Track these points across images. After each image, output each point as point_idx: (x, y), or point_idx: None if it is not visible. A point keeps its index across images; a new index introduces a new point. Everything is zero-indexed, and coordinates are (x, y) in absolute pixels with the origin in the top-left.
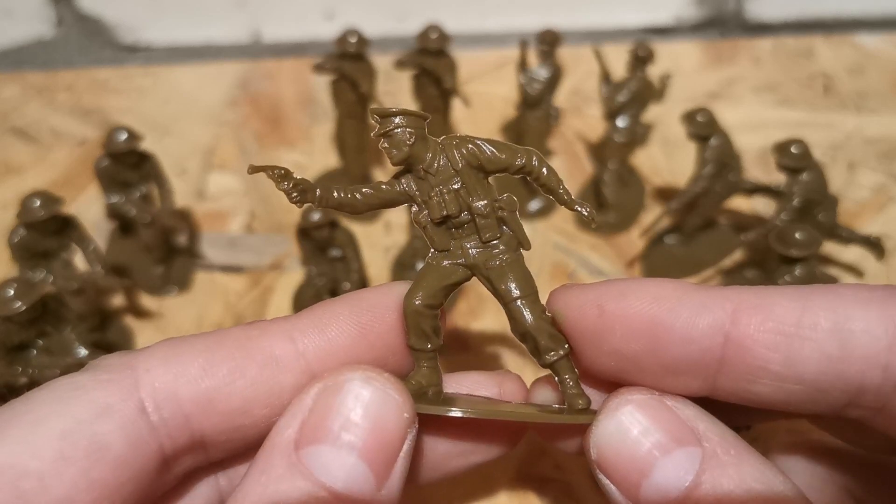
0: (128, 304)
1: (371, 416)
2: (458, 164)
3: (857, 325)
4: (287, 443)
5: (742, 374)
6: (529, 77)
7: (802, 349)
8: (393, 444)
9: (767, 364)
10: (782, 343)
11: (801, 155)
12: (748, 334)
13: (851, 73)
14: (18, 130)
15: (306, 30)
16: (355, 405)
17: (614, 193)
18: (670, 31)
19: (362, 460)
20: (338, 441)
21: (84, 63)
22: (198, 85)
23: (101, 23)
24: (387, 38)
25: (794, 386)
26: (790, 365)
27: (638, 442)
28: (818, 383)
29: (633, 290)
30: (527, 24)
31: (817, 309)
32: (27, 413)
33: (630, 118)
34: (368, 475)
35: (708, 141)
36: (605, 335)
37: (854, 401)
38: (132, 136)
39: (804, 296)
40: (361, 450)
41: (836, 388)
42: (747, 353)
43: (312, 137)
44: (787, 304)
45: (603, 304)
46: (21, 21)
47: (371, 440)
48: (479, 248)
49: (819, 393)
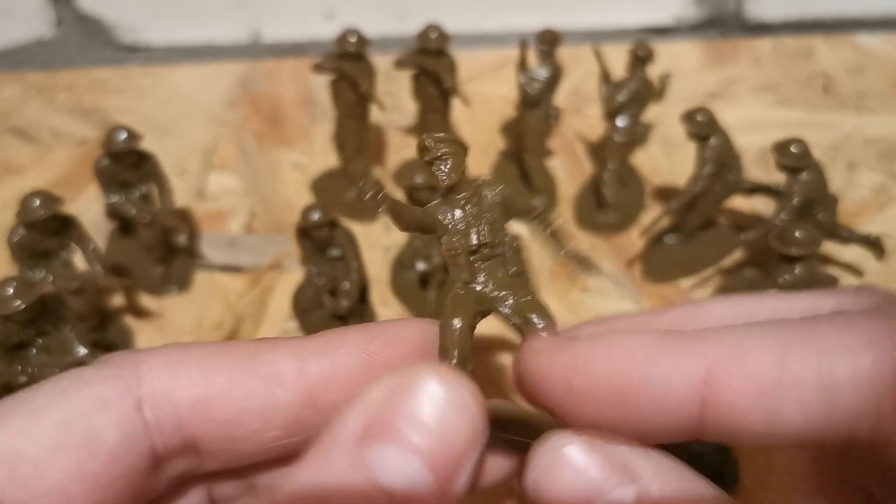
0: (127, 303)
1: (444, 420)
2: (494, 198)
3: (843, 378)
4: (350, 437)
5: (723, 432)
6: (529, 77)
7: (784, 409)
8: (462, 453)
9: (749, 425)
10: (762, 404)
11: (801, 154)
12: (726, 398)
13: (851, 73)
14: (18, 130)
15: (306, 30)
16: (428, 406)
17: (614, 193)
18: (670, 31)
19: (427, 466)
20: (404, 442)
21: (84, 63)
22: (198, 85)
23: (101, 23)
24: (387, 38)
25: (778, 440)
26: (773, 424)
27: (573, 486)
28: (803, 438)
29: (599, 358)
30: (527, 24)
31: (798, 362)
32: (29, 402)
33: (630, 118)
34: (430, 482)
35: (708, 140)
36: (576, 408)
37: (842, 453)
38: (132, 135)
39: (784, 344)
40: (428, 454)
41: (823, 441)
42: (725, 415)
43: (312, 137)
44: (766, 357)
45: (569, 376)
46: (21, 21)
47: (439, 445)
48: (502, 281)
49: (805, 442)
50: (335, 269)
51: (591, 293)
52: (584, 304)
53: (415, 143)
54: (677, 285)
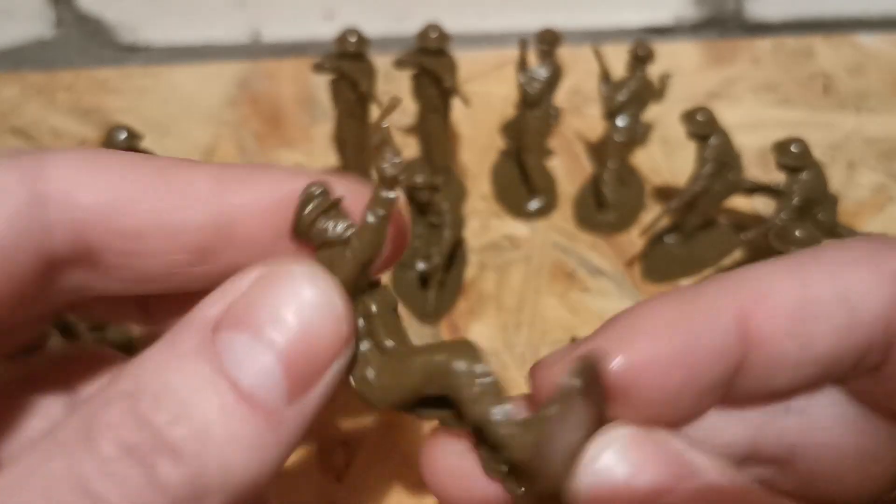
0: None
1: (305, 318)
2: None
3: (859, 289)
4: (206, 320)
5: (762, 372)
6: (529, 77)
7: (816, 328)
8: (320, 358)
9: (785, 353)
10: (796, 327)
11: (801, 154)
12: (762, 332)
13: (851, 73)
14: (18, 130)
15: (306, 30)
16: (291, 301)
17: (614, 193)
18: (670, 31)
19: (280, 364)
20: (260, 334)
21: (84, 63)
22: (198, 85)
23: (101, 23)
24: (387, 38)
25: (809, 369)
26: (807, 347)
27: (633, 482)
28: (832, 357)
29: (639, 335)
30: (527, 24)
31: (817, 282)
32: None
33: (630, 118)
34: (281, 382)
35: (707, 140)
36: (635, 393)
37: (858, 365)
38: (132, 135)
39: (800, 270)
40: (282, 352)
41: (847, 358)
42: (765, 348)
43: (312, 137)
44: (787, 284)
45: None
46: (21, 21)
47: (297, 345)
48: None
49: (830, 368)
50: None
51: (591, 293)
52: (583, 303)
53: (415, 142)
54: (677, 285)
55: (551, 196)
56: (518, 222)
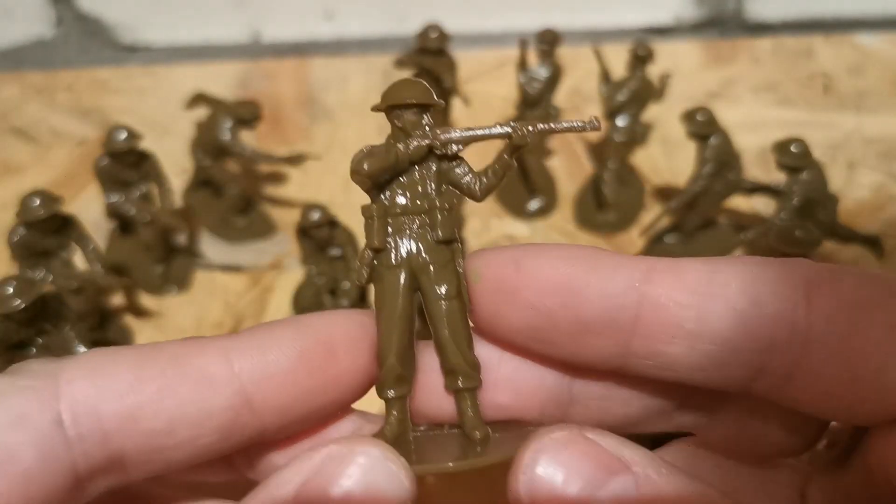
0: (127, 303)
1: (371, 491)
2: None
3: (766, 285)
4: (285, 498)
5: (657, 334)
6: (529, 76)
7: (715, 305)
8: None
9: (682, 322)
10: (695, 300)
11: (801, 154)
12: (662, 292)
13: (851, 72)
14: (18, 130)
15: (306, 30)
16: (358, 479)
17: (614, 193)
18: (670, 31)
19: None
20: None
21: (84, 63)
22: (198, 85)
23: (101, 23)
24: (387, 38)
25: (707, 346)
26: (703, 322)
27: (569, 484)
28: (730, 341)
29: (549, 249)
30: (527, 24)
31: (727, 272)
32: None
33: (630, 117)
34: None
35: (707, 140)
36: (521, 291)
37: (764, 366)
38: (132, 135)
39: (713, 262)
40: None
41: (747, 348)
42: (662, 309)
43: (312, 137)
44: (699, 267)
45: (520, 260)
46: (21, 21)
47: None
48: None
49: (731, 354)
50: (335, 269)
51: None
52: None
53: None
54: None
55: (551, 196)
56: (518, 222)
